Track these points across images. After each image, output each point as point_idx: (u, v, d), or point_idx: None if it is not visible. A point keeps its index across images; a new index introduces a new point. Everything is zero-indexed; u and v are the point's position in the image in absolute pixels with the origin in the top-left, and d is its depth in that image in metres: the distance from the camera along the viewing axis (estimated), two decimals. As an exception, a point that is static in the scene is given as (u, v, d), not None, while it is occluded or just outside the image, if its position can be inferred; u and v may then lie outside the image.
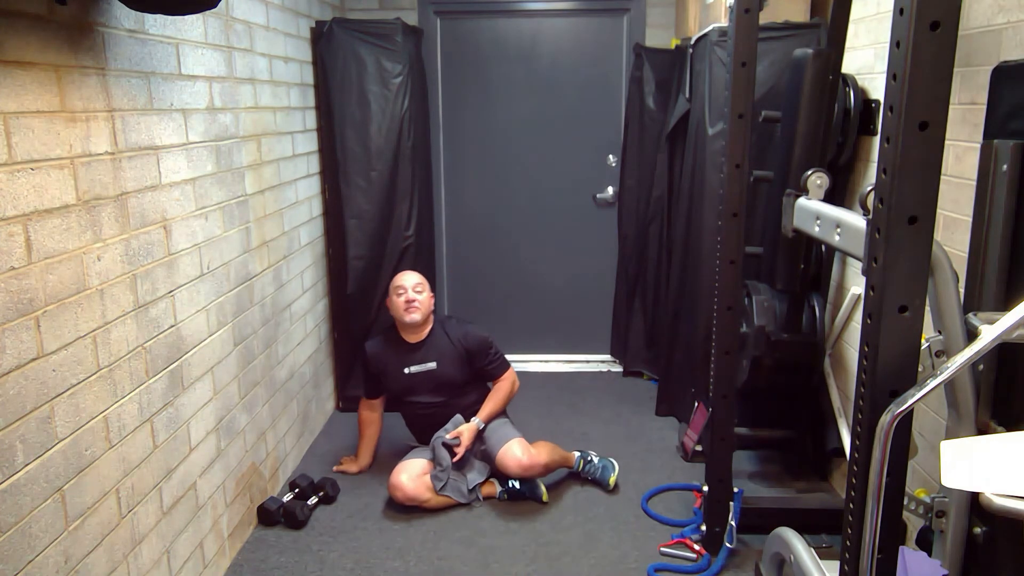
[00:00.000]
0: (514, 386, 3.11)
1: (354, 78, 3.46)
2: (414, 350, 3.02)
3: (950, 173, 2.07)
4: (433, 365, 3.00)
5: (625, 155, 3.96)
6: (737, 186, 2.29)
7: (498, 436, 2.95)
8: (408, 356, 3.02)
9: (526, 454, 2.85)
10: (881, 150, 1.22)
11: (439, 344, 3.02)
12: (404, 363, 3.01)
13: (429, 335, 3.04)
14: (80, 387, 1.71)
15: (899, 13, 1.16)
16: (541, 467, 2.87)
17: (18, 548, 1.52)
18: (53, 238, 1.62)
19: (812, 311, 2.81)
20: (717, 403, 2.45)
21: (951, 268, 1.56)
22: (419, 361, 3.01)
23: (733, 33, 2.18)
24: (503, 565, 2.53)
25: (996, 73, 1.79)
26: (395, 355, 3.03)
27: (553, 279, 4.38)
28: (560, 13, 4.09)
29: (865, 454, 1.28)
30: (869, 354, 1.26)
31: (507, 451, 2.86)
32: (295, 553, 2.61)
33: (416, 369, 3.00)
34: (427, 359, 3.01)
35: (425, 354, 3.01)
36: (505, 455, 2.86)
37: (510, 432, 2.96)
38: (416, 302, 2.96)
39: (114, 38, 1.84)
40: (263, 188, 2.83)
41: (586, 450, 3.10)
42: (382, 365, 3.04)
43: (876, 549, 1.28)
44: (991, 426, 1.71)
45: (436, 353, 3.01)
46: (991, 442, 1.25)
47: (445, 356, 3.01)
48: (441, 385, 3.01)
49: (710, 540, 2.53)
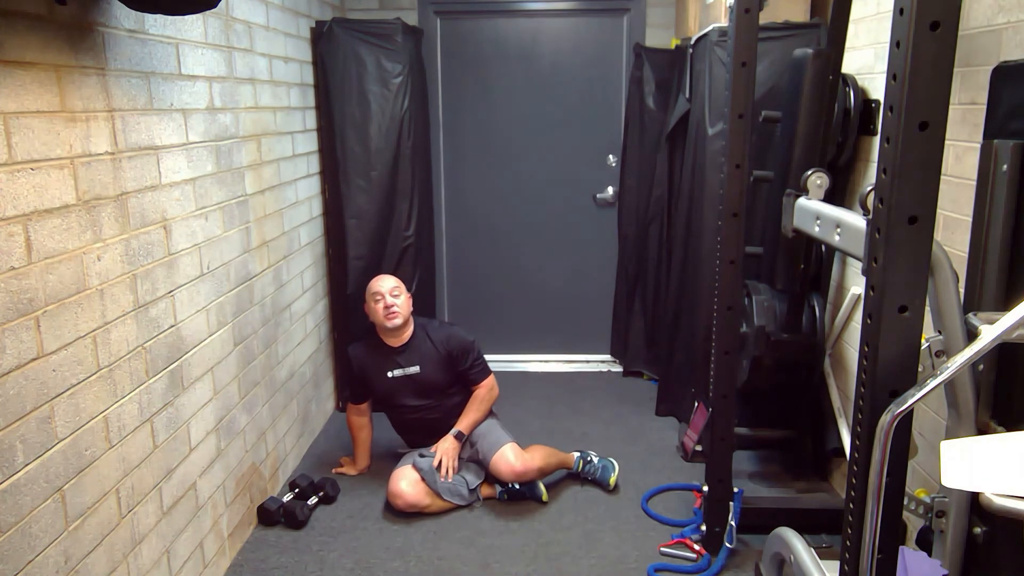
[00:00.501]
0: (492, 393, 3.06)
1: (354, 78, 3.46)
2: (397, 354, 2.99)
3: (950, 173, 2.07)
4: (416, 369, 2.97)
5: (625, 155, 3.97)
6: (737, 186, 2.29)
7: (490, 441, 2.93)
8: (391, 360, 2.99)
9: (519, 459, 2.83)
10: (881, 150, 1.22)
11: (421, 347, 2.99)
12: (387, 367, 2.99)
13: (411, 338, 3.01)
14: (80, 387, 1.71)
15: (899, 13, 1.16)
16: (535, 471, 2.85)
17: (18, 548, 1.52)
18: (53, 238, 1.62)
19: (812, 311, 2.81)
20: (717, 403, 2.45)
21: (951, 268, 1.56)
22: (402, 365, 2.98)
23: (733, 33, 2.18)
24: (503, 565, 2.53)
25: (996, 73, 1.79)
26: (378, 359, 3.00)
27: (553, 279, 4.38)
28: (560, 13, 4.09)
29: (865, 454, 1.28)
30: (869, 354, 1.26)
31: (500, 457, 2.84)
32: (295, 553, 2.61)
33: (399, 373, 2.98)
34: (410, 363, 2.98)
35: (408, 358, 2.99)
36: (499, 461, 2.84)
37: (502, 437, 2.94)
38: (395, 307, 2.91)
39: (114, 38, 1.84)
40: (263, 188, 2.83)
41: (586, 450, 3.10)
42: (366, 369, 3.02)
43: (876, 549, 1.28)
44: (991, 426, 1.71)
45: (418, 357, 2.98)
46: (991, 442, 1.25)
47: (428, 360, 2.98)
48: (425, 388, 2.98)
49: (710, 540, 2.53)
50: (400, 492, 2.78)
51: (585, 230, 4.30)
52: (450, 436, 2.93)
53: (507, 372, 4.23)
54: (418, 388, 2.98)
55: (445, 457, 2.88)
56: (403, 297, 2.96)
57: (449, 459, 2.88)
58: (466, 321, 4.16)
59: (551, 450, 2.99)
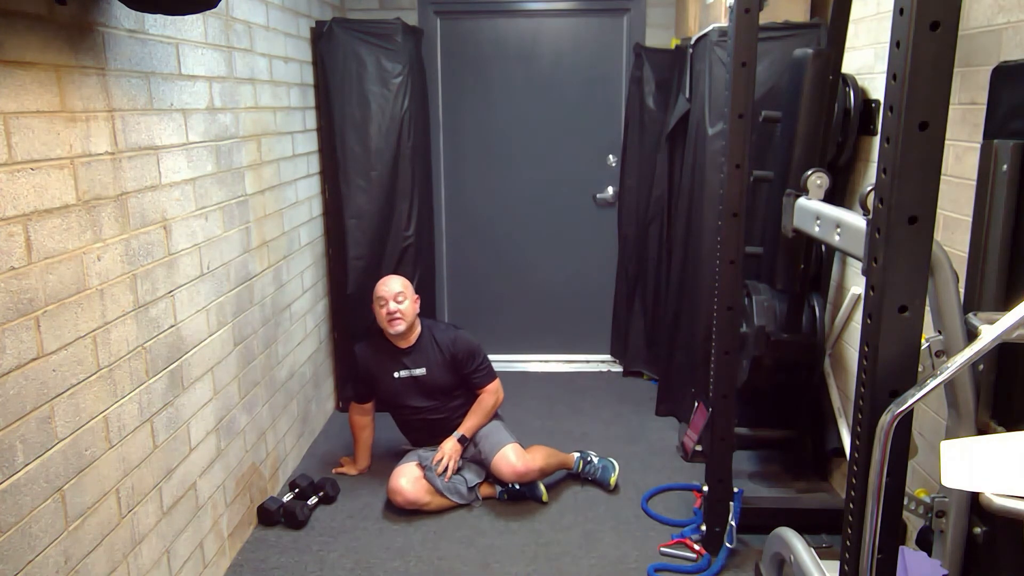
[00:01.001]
0: (497, 397, 3.04)
1: (354, 78, 3.46)
2: (403, 355, 2.97)
3: (950, 173, 2.07)
4: (423, 371, 2.96)
5: (625, 155, 3.96)
6: (737, 186, 2.29)
7: (492, 442, 2.93)
8: (398, 361, 2.98)
9: (521, 460, 2.83)
10: (881, 150, 1.22)
11: (428, 349, 2.98)
12: (393, 368, 2.98)
13: (418, 340, 2.99)
14: (80, 387, 1.71)
15: (899, 13, 1.16)
16: (536, 472, 2.85)
17: (18, 548, 1.52)
18: (53, 238, 1.62)
19: (812, 311, 2.81)
20: (717, 403, 2.45)
21: (951, 268, 1.56)
22: (408, 367, 2.97)
23: (733, 33, 2.18)
24: (503, 565, 2.53)
25: (996, 73, 1.79)
26: (384, 360, 2.99)
27: (553, 279, 4.38)
28: (560, 13, 4.09)
29: (865, 454, 1.28)
30: (869, 354, 1.26)
31: (502, 457, 2.84)
32: (295, 553, 2.61)
33: (405, 374, 2.97)
34: (417, 364, 2.97)
35: (415, 359, 2.97)
36: (500, 462, 2.84)
37: (504, 437, 2.94)
38: (398, 313, 2.88)
39: (114, 38, 1.84)
40: (263, 188, 2.83)
41: (586, 450, 3.10)
42: (372, 369, 3.01)
43: (876, 549, 1.28)
44: (991, 426, 1.71)
45: (425, 359, 2.97)
46: (991, 442, 1.25)
47: (434, 362, 2.97)
48: (431, 390, 2.98)
49: (710, 540, 2.53)
50: (400, 489, 2.79)
51: (585, 230, 4.30)
52: (453, 439, 2.93)
53: (507, 372, 4.22)
54: (423, 390, 2.98)
55: (446, 458, 2.88)
56: (408, 302, 2.93)
57: (449, 459, 2.88)
58: (466, 321, 4.15)
59: (552, 451, 2.99)
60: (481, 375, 3.01)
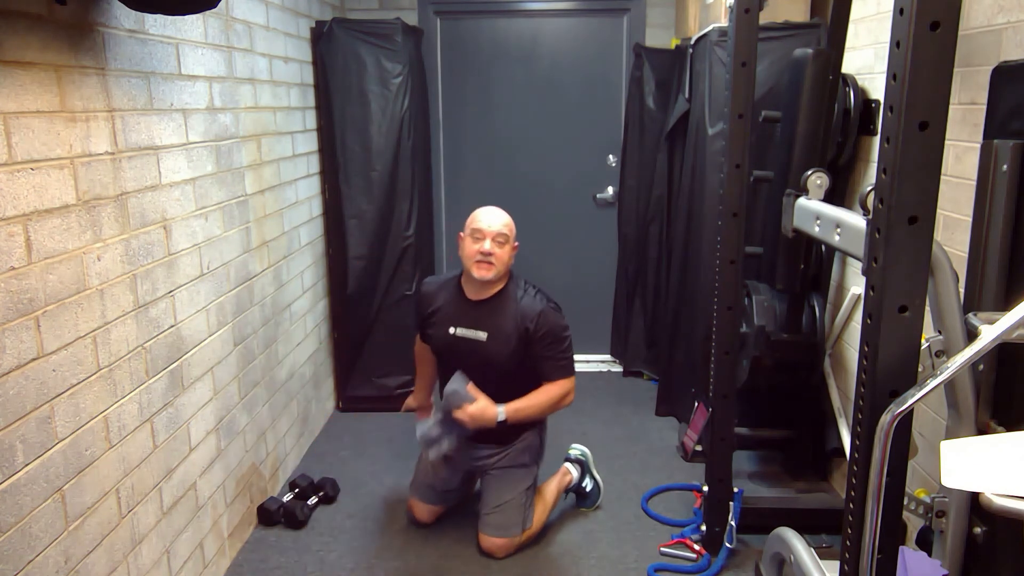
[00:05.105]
0: (566, 398, 2.52)
1: (354, 78, 3.46)
2: (470, 308, 2.48)
3: (950, 173, 2.07)
4: (483, 336, 2.46)
5: (625, 155, 3.96)
6: (737, 186, 2.29)
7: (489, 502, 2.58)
8: (461, 314, 2.50)
9: (504, 552, 2.54)
10: (881, 150, 1.22)
11: (502, 312, 2.45)
12: (452, 320, 2.51)
13: (496, 297, 2.47)
14: (80, 387, 1.71)
15: (899, 13, 1.16)
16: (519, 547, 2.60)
17: (18, 548, 1.52)
18: (53, 238, 1.62)
19: (812, 311, 2.81)
20: (717, 403, 2.45)
21: (951, 268, 1.56)
22: (470, 324, 2.47)
23: (733, 33, 2.18)
24: (503, 565, 2.53)
25: (996, 73, 1.79)
26: (447, 305, 2.53)
27: (553, 279, 4.36)
28: (560, 13, 4.09)
29: (865, 454, 1.28)
30: (869, 354, 1.26)
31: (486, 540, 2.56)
32: (295, 553, 2.60)
33: (462, 332, 2.49)
34: (480, 325, 2.46)
35: (480, 318, 2.46)
36: (484, 540, 2.56)
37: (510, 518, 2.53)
38: (493, 256, 2.40)
39: (114, 38, 1.84)
40: (263, 188, 2.83)
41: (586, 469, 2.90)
42: (431, 310, 2.57)
43: (876, 549, 1.28)
44: (991, 426, 1.71)
45: (492, 322, 2.45)
46: (991, 442, 1.25)
47: (501, 330, 2.44)
48: (485, 363, 2.47)
49: (710, 540, 2.53)
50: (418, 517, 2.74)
51: (585, 230, 4.30)
52: (493, 409, 2.40)
53: (507, 372, 4.22)
54: (477, 358, 2.48)
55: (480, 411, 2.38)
56: (507, 247, 2.46)
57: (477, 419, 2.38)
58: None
59: (553, 495, 2.76)
60: (556, 364, 2.48)
